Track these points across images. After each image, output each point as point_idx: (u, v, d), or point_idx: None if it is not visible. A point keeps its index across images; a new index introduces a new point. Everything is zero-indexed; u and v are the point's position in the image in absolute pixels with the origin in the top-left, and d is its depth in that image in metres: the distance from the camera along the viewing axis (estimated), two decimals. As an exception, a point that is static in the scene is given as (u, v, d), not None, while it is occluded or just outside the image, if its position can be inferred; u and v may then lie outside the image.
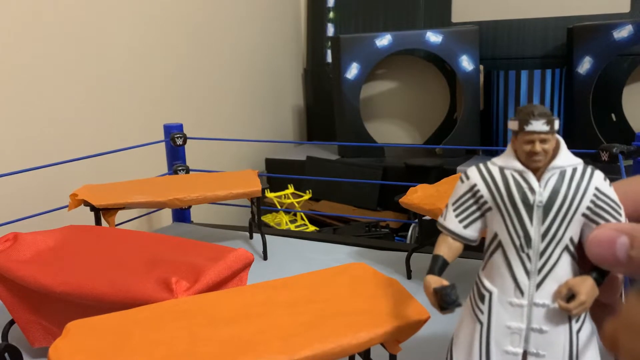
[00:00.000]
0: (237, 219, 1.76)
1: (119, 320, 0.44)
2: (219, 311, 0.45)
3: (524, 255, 0.35)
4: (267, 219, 1.66)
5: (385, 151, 1.94)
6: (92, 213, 0.85)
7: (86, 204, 0.83)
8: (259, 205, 0.90)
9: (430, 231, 0.82)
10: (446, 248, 0.38)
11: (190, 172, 1.17)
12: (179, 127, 1.20)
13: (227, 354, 0.39)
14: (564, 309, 0.34)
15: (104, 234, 0.66)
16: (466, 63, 1.82)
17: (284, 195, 1.57)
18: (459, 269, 0.83)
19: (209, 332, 0.42)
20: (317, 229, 1.61)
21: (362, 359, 0.45)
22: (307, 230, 1.56)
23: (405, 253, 0.82)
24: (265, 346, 0.40)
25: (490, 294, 0.36)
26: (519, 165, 0.35)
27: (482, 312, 0.37)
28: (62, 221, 0.78)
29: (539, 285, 0.35)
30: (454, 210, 0.38)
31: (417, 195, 0.78)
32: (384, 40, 1.83)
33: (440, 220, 0.39)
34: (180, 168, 1.17)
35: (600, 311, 0.37)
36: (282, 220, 1.61)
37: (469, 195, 0.37)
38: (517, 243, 0.35)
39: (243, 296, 0.47)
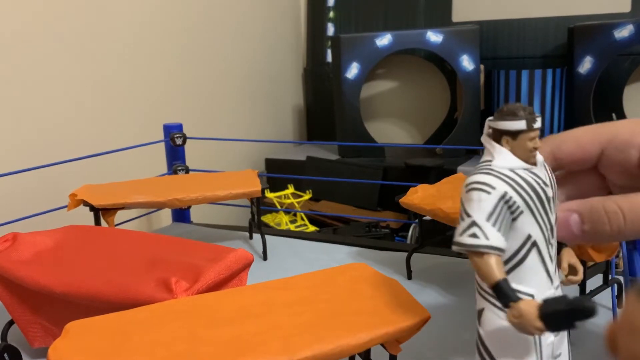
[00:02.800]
0: (237, 219, 1.76)
1: (118, 320, 0.44)
2: (219, 311, 0.45)
3: (549, 246, 0.37)
4: (267, 219, 1.66)
5: (385, 151, 1.94)
6: (92, 213, 0.85)
7: (85, 204, 0.83)
8: (259, 205, 0.90)
9: (430, 231, 0.82)
10: (500, 268, 0.35)
11: (190, 172, 1.17)
12: (179, 127, 1.20)
13: (227, 354, 0.39)
14: (576, 282, 0.38)
15: (104, 234, 0.66)
16: (467, 63, 1.82)
17: (284, 195, 1.57)
18: (460, 269, 0.83)
19: (208, 332, 0.42)
20: (317, 229, 1.61)
21: (362, 359, 0.45)
22: (307, 230, 1.56)
23: (406, 253, 0.82)
24: (265, 346, 0.40)
25: (532, 297, 0.36)
26: (524, 164, 0.36)
27: None
28: (61, 221, 0.78)
29: (555, 269, 0.38)
30: (493, 225, 0.35)
31: (418, 196, 0.78)
32: (384, 40, 1.83)
33: (480, 241, 0.35)
34: (180, 168, 1.17)
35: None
36: (282, 220, 1.61)
37: (501, 204, 0.35)
38: (547, 236, 0.37)
39: (243, 296, 0.47)
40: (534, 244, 0.36)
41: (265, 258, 0.90)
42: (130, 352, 0.39)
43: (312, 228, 1.59)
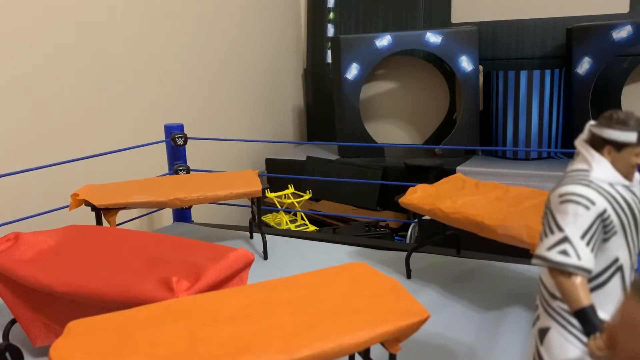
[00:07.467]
0: (237, 219, 1.77)
1: (119, 319, 0.44)
2: (220, 311, 0.45)
3: (632, 272, 0.34)
4: (268, 218, 1.66)
5: (385, 151, 1.94)
6: (93, 213, 0.85)
7: (87, 203, 0.84)
8: (260, 205, 0.91)
9: (429, 231, 0.82)
10: (587, 293, 0.32)
11: (191, 172, 1.18)
12: (180, 127, 1.20)
13: (227, 353, 0.39)
14: None
15: (105, 234, 0.66)
16: (465, 63, 1.83)
17: (284, 195, 1.58)
18: (459, 268, 0.84)
19: (209, 331, 0.42)
20: (317, 229, 1.61)
21: (362, 358, 0.46)
22: (307, 230, 1.56)
23: (405, 253, 0.82)
24: (265, 345, 0.40)
25: None
26: (623, 180, 0.33)
27: None
28: (63, 221, 0.79)
29: None
30: (587, 244, 0.32)
31: (417, 195, 0.79)
32: (383, 41, 1.84)
33: (570, 260, 0.32)
34: (181, 168, 1.17)
35: None
36: (283, 220, 1.61)
37: (598, 222, 0.33)
38: (633, 260, 0.34)
39: (243, 296, 0.48)
40: (620, 268, 0.34)
41: (265, 257, 0.90)
42: (131, 350, 0.40)
43: (312, 228, 1.59)
